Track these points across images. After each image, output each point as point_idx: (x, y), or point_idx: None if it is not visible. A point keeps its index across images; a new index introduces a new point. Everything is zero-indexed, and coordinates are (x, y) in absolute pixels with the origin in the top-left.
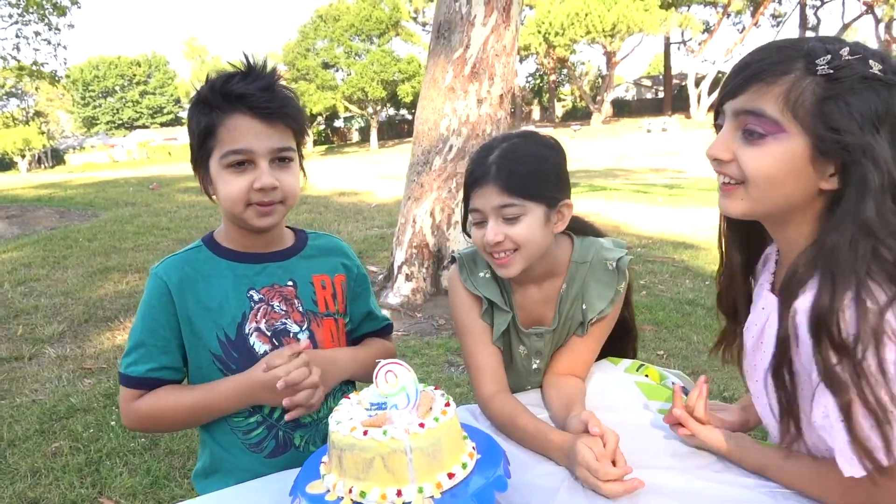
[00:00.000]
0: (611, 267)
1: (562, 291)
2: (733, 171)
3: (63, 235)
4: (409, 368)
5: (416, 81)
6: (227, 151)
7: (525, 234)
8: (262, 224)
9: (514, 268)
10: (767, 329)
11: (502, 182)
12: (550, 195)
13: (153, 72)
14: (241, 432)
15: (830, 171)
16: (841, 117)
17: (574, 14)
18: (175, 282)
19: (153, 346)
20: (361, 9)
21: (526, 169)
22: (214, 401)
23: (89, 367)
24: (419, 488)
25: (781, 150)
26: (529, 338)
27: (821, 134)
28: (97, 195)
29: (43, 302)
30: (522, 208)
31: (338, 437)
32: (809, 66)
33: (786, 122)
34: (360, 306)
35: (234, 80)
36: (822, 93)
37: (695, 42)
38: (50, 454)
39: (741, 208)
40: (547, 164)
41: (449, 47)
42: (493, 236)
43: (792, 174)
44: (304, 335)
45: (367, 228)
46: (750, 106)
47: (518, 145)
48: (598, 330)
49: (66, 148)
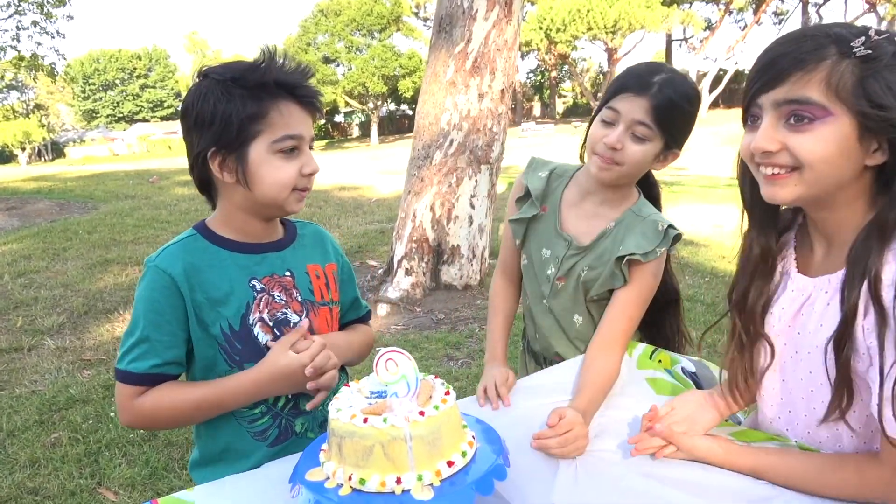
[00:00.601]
0: (660, 228)
1: (609, 228)
2: (784, 159)
3: (63, 228)
4: (409, 357)
5: (417, 77)
6: (283, 136)
7: (637, 156)
8: (297, 209)
9: (610, 175)
10: (807, 308)
11: (657, 103)
12: (675, 137)
13: (154, 65)
14: (247, 421)
15: (874, 146)
16: (883, 93)
17: (576, 10)
18: (180, 272)
19: (158, 341)
20: (362, 3)
21: (680, 107)
22: (227, 397)
23: (89, 358)
24: (418, 476)
25: (832, 133)
26: (559, 240)
27: (866, 112)
28: (97, 188)
29: (43, 293)
30: (653, 135)
31: (338, 424)
32: (843, 50)
33: (832, 106)
34: (348, 293)
35: (281, 68)
36: (861, 73)
37: (696, 39)
38: (49, 445)
39: (794, 194)
40: (692, 114)
41: (450, 41)
42: (614, 140)
43: (843, 154)
44: (303, 323)
45: (367, 223)
46: (793, 95)
47: (685, 83)
48: (634, 290)
49: (67, 141)
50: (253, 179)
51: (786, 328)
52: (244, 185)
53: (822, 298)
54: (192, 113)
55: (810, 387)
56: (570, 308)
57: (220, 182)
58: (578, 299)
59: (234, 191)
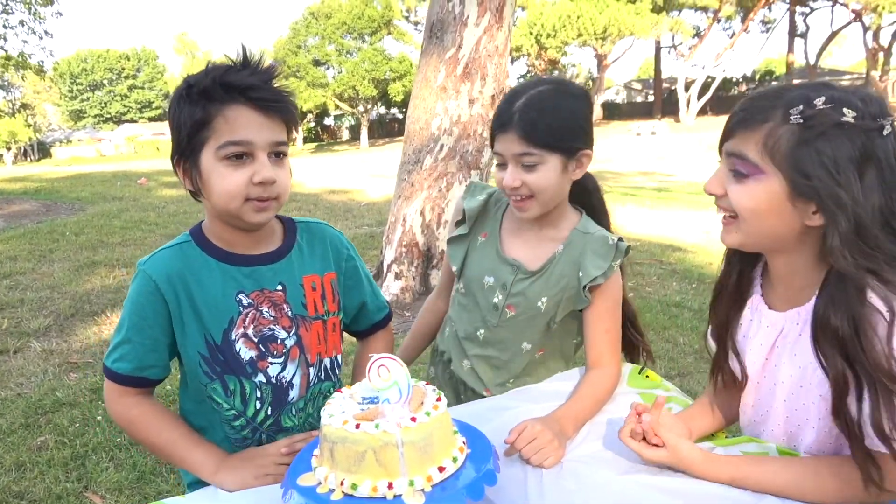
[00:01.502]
0: (611, 241)
1: (557, 252)
2: (726, 204)
3: (49, 229)
4: (401, 363)
5: (408, 80)
6: (225, 142)
7: (542, 182)
8: (258, 219)
9: (531, 212)
10: (780, 341)
11: (523, 132)
12: (570, 146)
13: (142, 66)
14: (228, 424)
15: (812, 209)
16: (811, 163)
17: (566, 16)
18: (164, 279)
19: (139, 343)
20: (353, 6)
21: (548, 121)
22: (187, 462)
23: (75, 361)
24: (410, 481)
25: (762, 189)
26: (506, 267)
27: (793, 178)
28: (84, 189)
29: (29, 295)
30: (541, 157)
31: (330, 429)
32: (786, 115)
33: (764, 165)
34: (354, 299)
35: (233, 71)
36: (796, 140)
37: (685, 46)
38: (35, 448)
39: (736, 240)
40: (571, 115)
41: (441, 47)
42: (510, 181)
43: (773, 211)
44: (291, 340)
45: (357, 227)
46: (735, 149)
47: (545, 95)
48: (601, 306)
49: (53, 141)
50: (206, 188)
51: (763, 362)
52: (201, 194)
53: (794, 330)
54: (169, 121)
55: (786, 413)
56: (519, 336)
57: (191, 191)
58: (534, 326)
59: (203, 199)
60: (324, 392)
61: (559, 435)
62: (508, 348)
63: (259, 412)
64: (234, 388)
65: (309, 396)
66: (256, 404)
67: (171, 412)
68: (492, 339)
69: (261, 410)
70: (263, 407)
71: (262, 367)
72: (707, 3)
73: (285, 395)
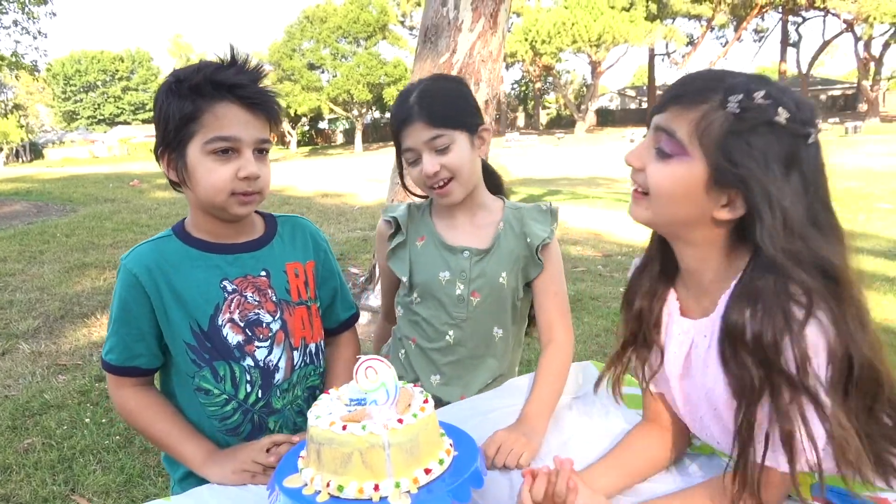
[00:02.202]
0: (544, 207)
1: (500, 229)
2: (641, 180)
3: (40, 230)
4: (389, 365)
5: (402, 85)
6: (213, 137)
7: (457, 161)
8: (242, 212)
9: (454, 195)
10: (693, 351)
11: (427, 117)
12: (471, 121)
13: (136, 68)
14: (218, 419)
15: (723, 201)
16: (740, 153)
17: (561, 23)
18: (144, 272)
19: (126, 334)
20: (349, 11)
21: (445, 102)
22: (180, 453)
23: (64, 363)
24: (396, 483)
25: (682, 172)
26: (456, 256)
27: (719, 164)
28: (76, 190)
29: (18, 297)
30: (450, 137)
31: (317, 431)
32: (724, 101)
33: (690, 147)
34: (327, 291)
35: (223, 69)
36: (729, 127)
37: (679, 54)
38: (22, 451)
39: (644, 218)
40: (460, 95)
41: (435, 52)
42: (430, 167)
43: (687, 196)
44: (276, 325)
45: (350, 230)
46: (665, 125)
47: (431, 83)
48: (550, 270)
49: (46, 142)
50: (191, 180)
51: (680, 371)
52: (185, 185)
53: (703, 342)
54: (154, 112)
55: (703, 429)
56: (490, 321)
57: (174, 182)
58: (501, 306)
59: (187, 190)
60: (307, 375)
61: (530, 434)
62: (482, 340)
63: (250, 394)
64: (223, 374)
65: (294, 379)
66: (247, 387)
67: (167, 403)
68: (463, 337)
69: (251, 393)
70: (254, 389)
71: (250, 350)
72: (700, 11)
73: (272, 378)
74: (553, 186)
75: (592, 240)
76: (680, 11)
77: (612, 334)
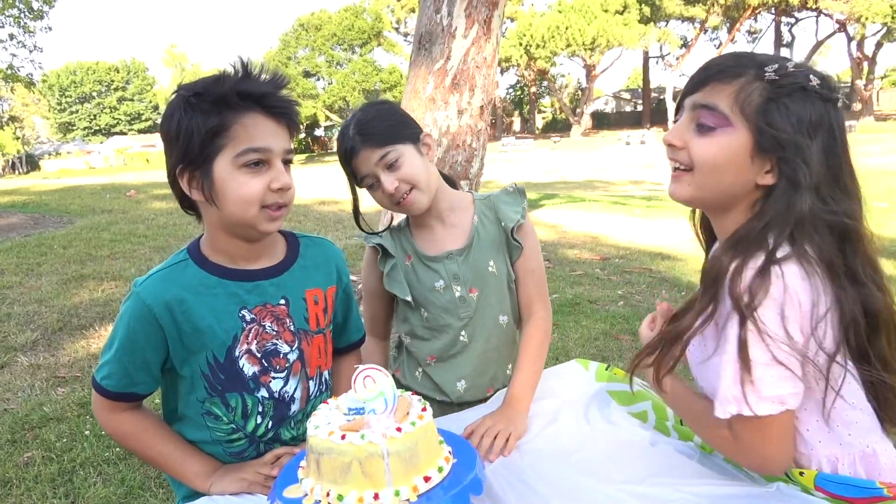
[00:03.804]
0: (511, 189)
1: (475, 222)
2: (684, 157)
3: (37, 242)
4: (387, 374)
5: (398, 91)
6: (246, 149)
7: (411, 170)
8: (270, 229)
9: (420, 202)
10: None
11: (371, 141)
12: (409, 132)
13: (132, 78)
14: (223, 443)
15: (767, 167)
16: (779, 117)
17: (555, 27)
18: (161, 305)
19: (129, 363)
20: (343, 18)
21: (379, 122)
22: (180, 474)
23: (63, 375)
24: (396, 492)
25: (727, 142)
26: (442, 262)
27: (762, 129)
28: (73, 202)
29: (16, 309)
30: (397, 151)
31: (316, 441)
32: (759, 73)
33: (733, 118)
34: (344, 316)
35: (246, 79)
36: (767, 95)
37: (673, 57)
38: (21, 464)
39: (687, 193)
40: (391, 112)
41: (430, 58)
42: (389, 185)
43: (734, 164)
44: (293, 355)
45: (348, 237)
46: (705, 101)
47: (362, 113)
48: (527, 248)
49: (42, 154)
50: (219, 196)
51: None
52: (212, 203)
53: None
54: (163, 130)
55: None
56: (495, 312)
57: (198, 201)
58: (500, 292)
59: (209, 209)
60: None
61: (514, 417)
62: (492, 331)
63: (259, 426)
64: (235, 405)
65: (309, 409)
66: (257, 419)
67: (164, 425)
68: (475, 333)
69: (261, 425)
70: (264, 421)
71: (265, 381)
72: (694, 13)
73: (287, 410)
74: (550, 190)
75: (590, 243)
76: (673, 14)
77: (610, 338)
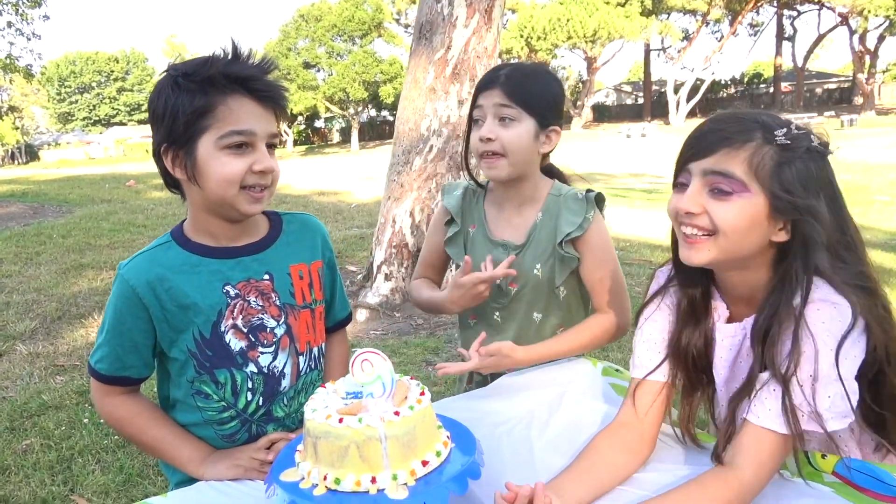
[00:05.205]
0: (580, 196)
1: (537, 220)
2: (705, 222)
3: (36, 232)
4: (385, 357)
5: (398, 83)
6: (230, 131)
7: (514, 140)
8: (251, 210)
9: (499, 170)
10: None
11: (507, 88)
12: (545, 114)
13: (131, 68)
14: (215, 423)
15: (780, 225)
16: (793, 180)
17: (556, 19)
18: (144, 285)
19: (119, 346)
20: (344, 9)
21: (529, 85)
22: (175, 458)
23: (62, 364)
24: (393, 475)
25: (747, 206)
26: (496, 248)
27: (777, 194)
28: (72, 191)
29: (15, 298)
30: (518, 114)
31: (313, 424)
32: (767, 136)
33: (750, 183)
34: (330, 291)
35: (234, 61)
36: (779, 159)
37: (674, 49)
38: (20, 452)
39: (707, 258)
40: (548, 88)
41: (430, 48)
42: (486, 131)
43: (753, 227)
44: (280, 329)
45: (347, 228)
46: (719, 167)
47: (529, 67)
48: (589, 259)
49: (41, 144)
50: (201, 176)
51: (726, 374)
52: (194, 182)
53: (734, 343)
54: (151, 109)
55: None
56: (530, 308)
57: (181, 179)
58: (538, 293)
59: (191, 188)
60: (313, 381)
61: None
62: (524, 323)
63: (250, 403)
64: (224, 380)
65: (300, 386)
66: (248, 395)
67: (158, 410)
68: (508, 317)
69: (252, 401)
70: (255, 398)
71: (253, 356)
72: (696, 6)
73: (277, 385)
74: None
75: None
76: (675, 6)
77: None
